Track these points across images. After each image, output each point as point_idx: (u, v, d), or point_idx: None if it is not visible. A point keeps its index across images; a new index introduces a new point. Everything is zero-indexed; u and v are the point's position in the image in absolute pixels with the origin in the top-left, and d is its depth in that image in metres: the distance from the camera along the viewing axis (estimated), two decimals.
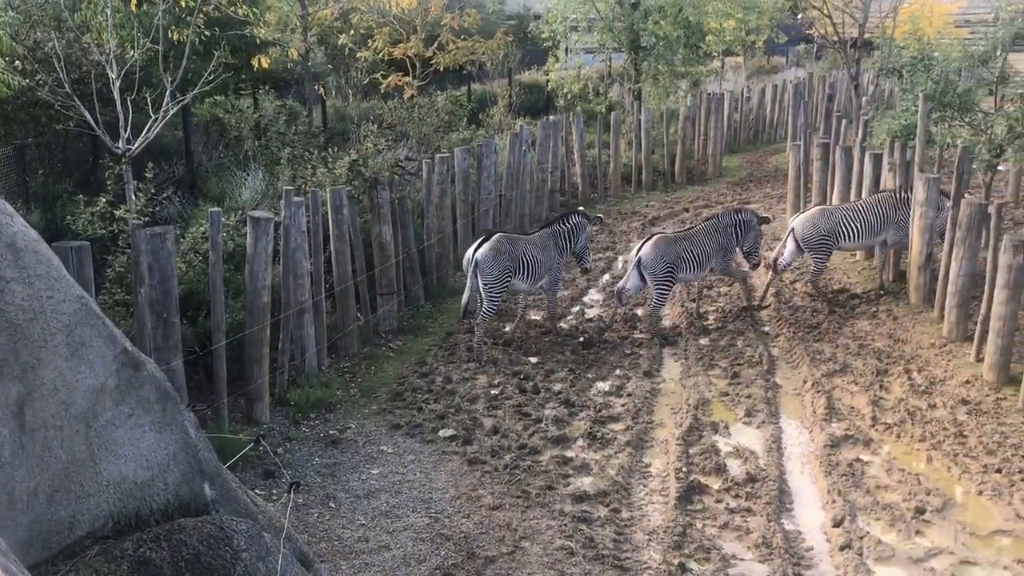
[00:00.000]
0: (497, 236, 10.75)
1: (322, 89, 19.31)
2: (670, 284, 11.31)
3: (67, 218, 9.88)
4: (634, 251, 11.55)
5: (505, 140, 16.22)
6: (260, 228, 8.46)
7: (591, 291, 13.23)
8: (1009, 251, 8.90)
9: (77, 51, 11.48)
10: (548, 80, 25.09)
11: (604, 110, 23.37)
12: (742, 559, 6.59)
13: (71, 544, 3.89)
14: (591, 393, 9.60)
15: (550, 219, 12.11)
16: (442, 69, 22.75)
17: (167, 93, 10.56)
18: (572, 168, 19.57)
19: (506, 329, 11.53)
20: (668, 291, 11.39)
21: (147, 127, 10.51)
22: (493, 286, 10.51)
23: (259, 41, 15.33)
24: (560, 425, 8.77)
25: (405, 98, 20.52)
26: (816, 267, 12.11)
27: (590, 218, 11.66)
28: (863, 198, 12.51)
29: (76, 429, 3.90)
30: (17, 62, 10.55)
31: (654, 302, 11.41)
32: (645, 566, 6.48)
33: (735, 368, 10.19)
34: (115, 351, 4.06)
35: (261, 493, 7.41)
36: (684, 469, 7.79)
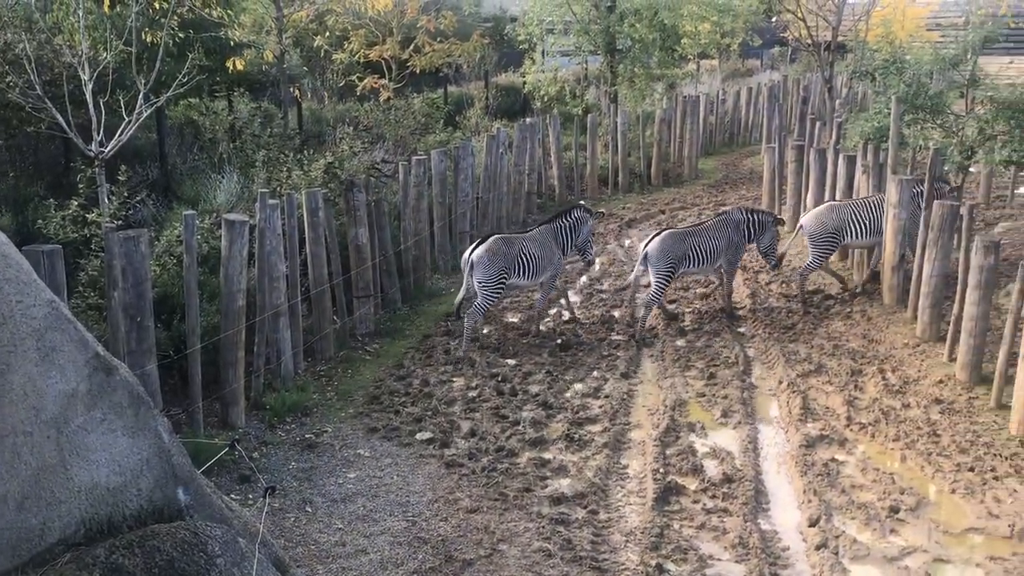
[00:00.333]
0: (493, 238, 11.00)
1: (297, 91, 19.21)
2: (669, 280, 11.57)
3: (39, 222, 9.77)
4: (643, 245, 11.80)
5: (482, 142, 16.22)
6: (235, 231, 8.40)
7: (569, 293, 13.23)
8: (980, 252, 9.00)
9: (48, 53, 11.36)
10: (525, 82, 25.11)
11: (581, 112, 23.43)
12: (719, 559, 6.62)
13: (42, 552, 3.84)
14: (569, 395, 9.61)
15: (550, 215, 12.25)
16: (418, 71, 22.73)
17: (140, 95, 10.48)
18: (549, 170, 19.59)
19: (484, 331, 11.51)
20: (666, 286, 11.62)
21: (120, 129, 10.42)
22: (489, 286, 10.76)
23: (234, 43, 15.24)
24: (538, 427, 8.77)
25: (381, 100, 20.47)
26: (812, 263, 12.18)
27: (592, 212, 11.92)
28: (872, 195, 12.51)
29: (47, 435, 3.85)
30: None
31: (650, 295, 11.58)
32: (623, 567, 6.49)
33: (712, 369, 10.23)
34: (87, 356, 4.01)
35: (237, 498, 7.35)
36: (661, 470, 7.81)
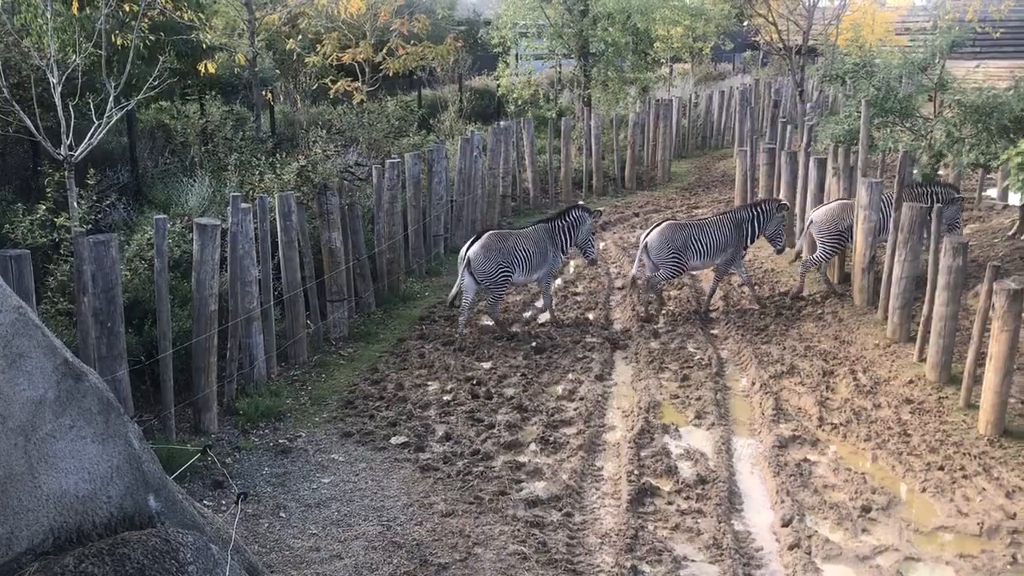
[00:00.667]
0: (488, 234, 11.36)
1: (270, 94, 19.12)
2: (677, 269, 11.90)
3: (6, 226, 9.65)
4: (643, 237, 12.02)
5: (456, 145, 16.22)
6: (207, 235, 8.34)
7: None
8: (949, 253, 9.11)
9: (16, 55, 11.22)
10: (499, 86, 25.14)
11: (554, 116, 23.49)
12: (693, 560, 6.64)
13: (9, 561, 3.79)
14: (543, 398, 9.62)
15: (548, 215, 12.43)
16: (392, 74, 22.67)
17: (111, 98, 10.37)
18: (523, 173, 19.63)
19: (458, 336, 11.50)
20: (675, 274, 11.95)
21: (90, 133, 10.31)
22: (492, 279, 11.17)
23: (205, 46, 15.13)
24: (513, 430, 8.76)
25: (354, 103, 20.41)
26: (819, 257, 12.36)
27: (591, 211, 12.09)
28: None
29: (14, 443, 3.80)
30: None
31: (656, 280, 12.01)
32: (598, 569, 6.51)
33: (685, 371, 10.28)
34: (55, 362, 3.97)
35: (209, 504, 7.29)
36: (636, 472, 7.83)
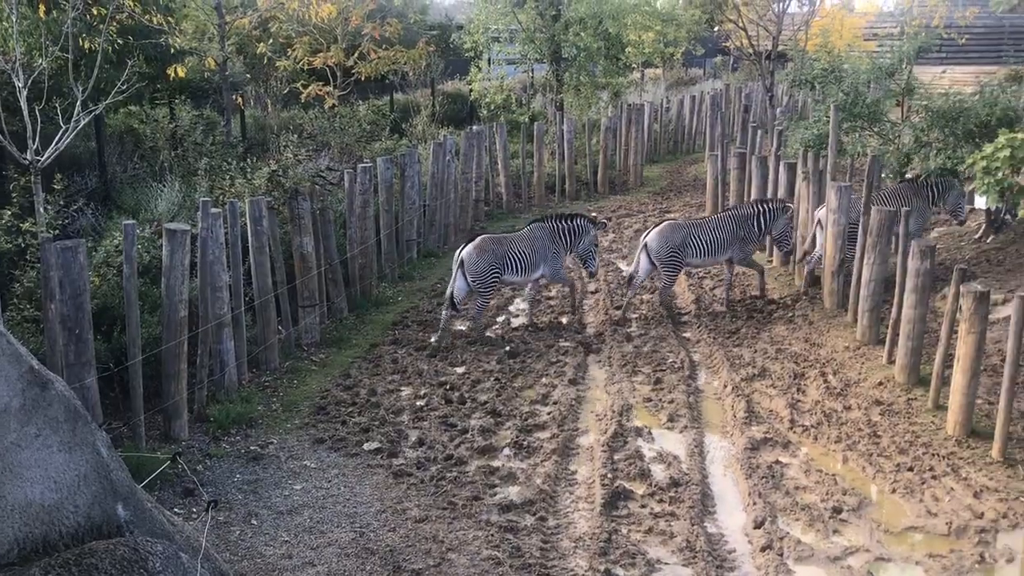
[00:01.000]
0: (482, 237, 11.62)
1: (240, 99, 19.00)
2: (676, 268, 12.05)
3: None
4: (643, 237, 12.20)
5: (428, 150, 16.20)
6: (176, 240, 8.26)
7: (516, 300, 13.26)
8: (917, 256, 9.21)
9: None
10: (471, 90, 25.14)
11: (527, 120, 23.54)
12: (666, 563, 6.66)
13: None
14: (517, 402, 9.61)
15: (545, 215, 12.64)
16: (364, 78, 22.60)
17: (78, 103, 10.25)
18: (496, 178, 19.64)
19: (431, 340, 11.48)
20: (675, 274, 12.14)
21: (57, 137, 10.18)
22: (482, 281, 11.32)
23: (175, 50, 15.02)
24: (486, 435, 8.75)
25: (326, 108, 20.33)
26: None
27: (595, 222, 12.24)
28: (887, 188, 12.71)
29: None
30: None
31: (663, 285, 12.27)
32: (571, 573, 6.51)
33: (658, 374, 10.32)
34: (20, 370, 3.91)
35: (180, 512, 7.22)
36: (609, 475, 7.85)
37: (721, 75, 37.86)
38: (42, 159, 10.11)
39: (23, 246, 9.03)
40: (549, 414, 9.28)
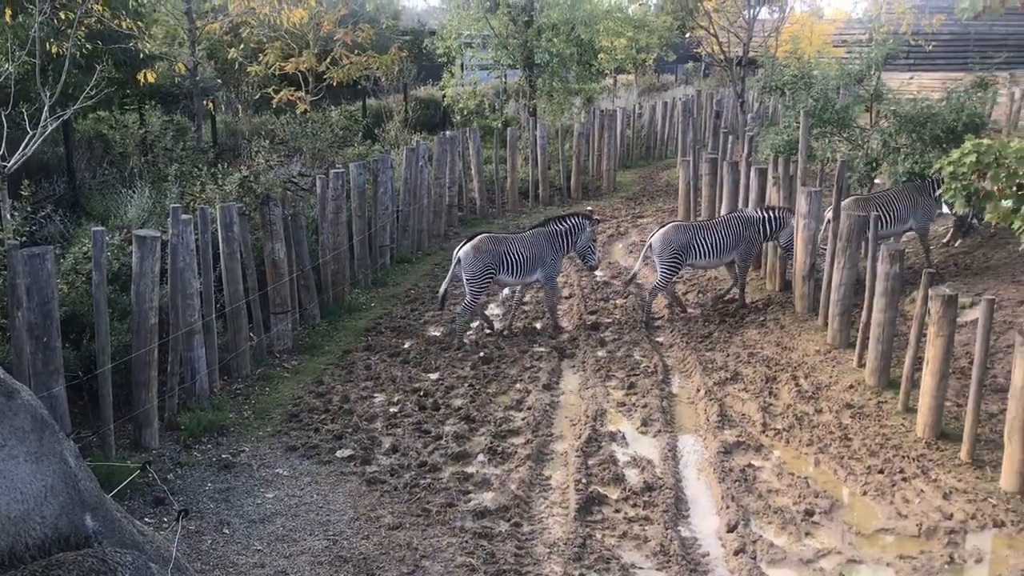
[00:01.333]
0: (481, 236, 11.69)
1: (211, 104, 18.87)
2: (675, 269, 12.18)
3: None
4: (648, 238, 12.39)
5: (401, 155, 16.17)
6: (146, 247, 8.18)
7: (491, 305, 13.26)
8: (886, 260, 9.31)
9: None
10: (444, 96, 25.14)
11: (500, 126, 23.55)
12: (641, 568, 6.68)
13: None
14: (491, 408, 9.60)
15: (545, 219, 12.73)
16: (336, 84, 22.56)
17: (46, 108, 10.14)
18: (470, 183, 19.64)
19: (405, 346, 11.45)
20: (671, 275, 12.25)
21: (24, 143, 10.06)
22: (474, 280, 11.44)
23: (144, 55, 14.90)
24: (460, 441, 8.73)
25: (298, 113, 20.25)
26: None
27: (591, 219, 12.33)
28: (890, 188, 12.80)
29: None
30: None
31: (656, 283, 12.39)
32: None
33: (632, 379, 10.35)
34: None
35: (151, 522, 7.13)
36: (583, 480, 7.85)
37: (693, 81, 38.13)
38: (9, 165, 9.99)
39: None
40: (523, 420, 9.27)
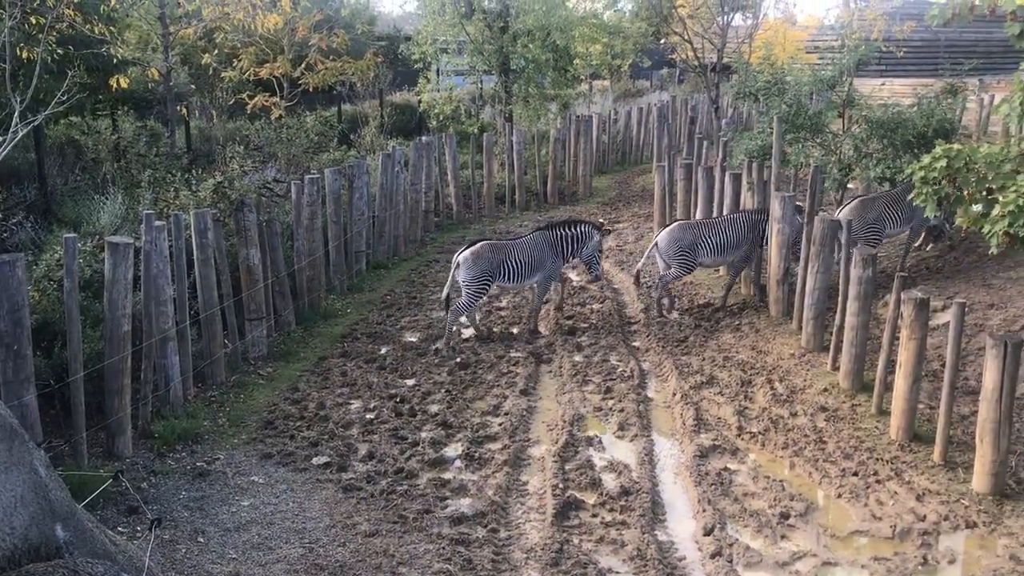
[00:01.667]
0: (481, 243, 11.83)
1: (185, 109, 18.75)
2: (687, 265, 12.39)
3: None
4: (654, 236, 12.56)
5: (377, 161, 16.12)
6: (119, 254, 8.11)
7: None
8: (859, 265, 9.40)
9: None
10: (420, 101, 25.11)
11: (477, 131, 23.54)
12: (618, 572, 6.68)
13: None
14: (468, 413, 9.58)
15: (549, 223, 12.85)
16: (311, 89, 22.48)
17: (16, 113, 10.02)
18: (446, 188, 19.62)
19: (381, 352, 11.41)
20: (685, 272, 12.49)
21: None
22: (471, 285, 11.57)
23: (117, 60, 14.78)
24: (437, 447, 8.71)
25: (273, 118, 20.16)
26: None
27: (600, 228, 12.45)
28: (891, 190, 12.91)
29: None
30: None
31: (666, 278, 12.57)
32: None
33: (608, 383, 10.37)
34: None
35: (124, 531, 7.06)
36: (560, 485, 7.86)
37: (668, 87, 38.32)
38: None
39: None
40: (500, 425, 9.27)
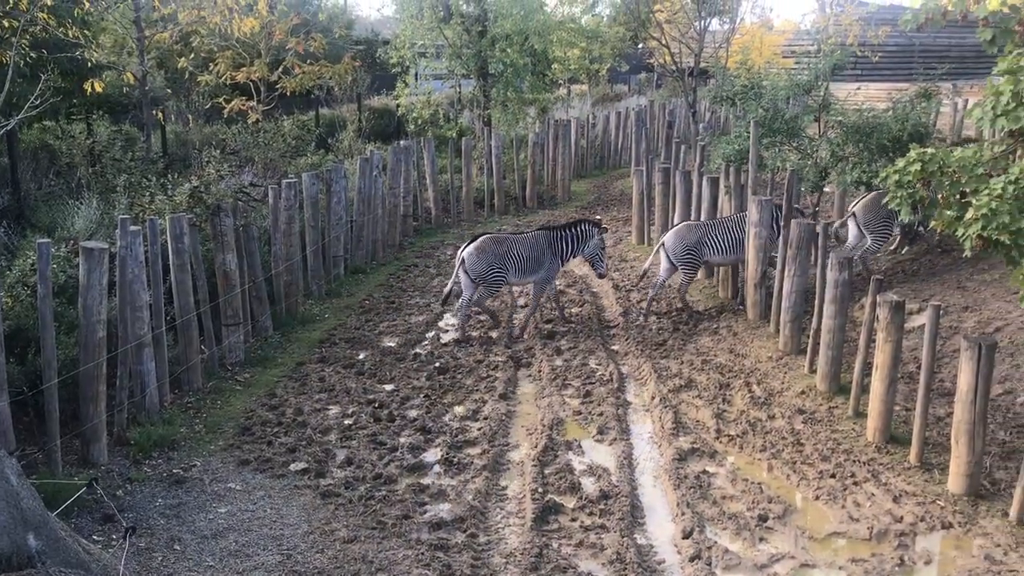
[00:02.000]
0: (483, 237, 12.11)
1: (161, 114, 18.62)
2: (694, 264, 12.54)
3: None
4: (659, 238, 12.83)
5: (355, 165, 16.07)
6: (93, 259, 8.03)
7: (446, 315, 13.22)
8: (835, 268, 9.46)
9: None
10: (398, 105, 25.07)
11: (455, 135, 23.54)
12: None
13: None
14: (447, 418, 9.56)
15: (550, 224, 13.09)
16: (288, 93, 22.40)
17: None
18: (425, 193, 19.60)
19: (360, 357, 11.37)
20: (694, 271, 12.68)
21: None
22: (485, 278, 11.86)
23: (92, 64, 14.65)
24: (416, 452, 8.68)
25: (250, 123, 20.05)
26: (872, 247, 12.83)
27: (600, 227, 12.65)
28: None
29: None
30: None
31: (682, 281, 12.79)
32: None
33: (587, 387, 10.38)
34: None
35: (99, 539, 6.98)
36: (540, 490, 7.85)
37: (645, 91, 38.46)
38: None
39: None
40: (480, 430, 9.25)
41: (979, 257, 11.12)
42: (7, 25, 11.33)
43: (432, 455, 8.68)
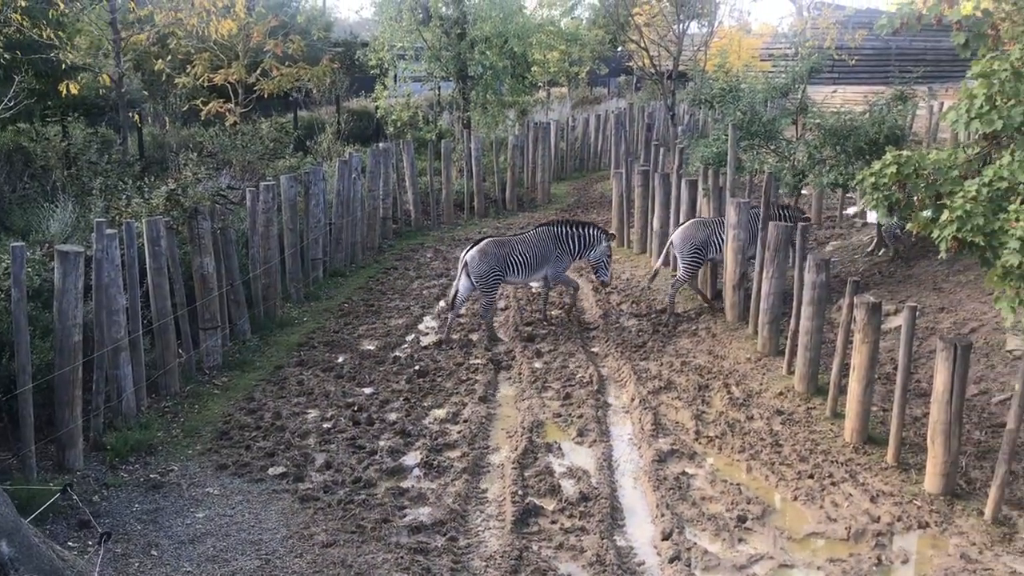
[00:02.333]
0: (486, 240, 12.26)
1: (137, 116, 18.48)
2: (697, 263, 12.69)
3: None
4: (671, 236, 12.99)
5: (334, 167, 16.01)
6: (69, 263, 7.95)
7: (426, 318, 13.19)
8: (813, 270, 9.52)
9: None
10: (377, 107, 25.01)
11: (435, 138, 23.51)
12: None
13: None
14: (427, 421, 9.54)
15: (552, 220, 13.13)
16: (266, 95, 22.29)
17: None
18: (405, 195, 19.56)
19: (339, 361, 11.32)
20: (695, 269, 12.81)
21: None
22: (485, 281, 11.97)
23: (67, 66, 14.53)
24: (395, 456, 8.65)
25: (227, 125, 19.94)
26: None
27: (607, 234, 12.83)
28: None
29: None
30: None
31: (679, 275, 12.89)
32: None
33: (567, 389, 10.38)
34: None
35: (75, 546, 6.91)
36: (520, 492, 7.84)
37: (625, 94, 38.57)
38: None
39: None
40: (459, 433, 9.23)
41: (955, 258, 11.23)
42: None
43: (412, 458, 8.66)
